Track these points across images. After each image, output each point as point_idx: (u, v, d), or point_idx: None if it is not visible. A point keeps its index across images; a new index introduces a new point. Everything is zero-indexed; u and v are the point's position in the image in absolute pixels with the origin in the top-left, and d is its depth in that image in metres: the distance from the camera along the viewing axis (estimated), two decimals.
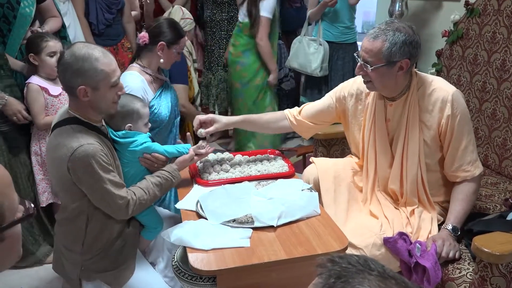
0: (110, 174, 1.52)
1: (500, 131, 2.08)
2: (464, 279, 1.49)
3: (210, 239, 1.43)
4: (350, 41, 3.31)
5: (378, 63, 1.57)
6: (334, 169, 1.85)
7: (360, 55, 1.63)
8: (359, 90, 1.83)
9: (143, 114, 1.73)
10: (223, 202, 1.61)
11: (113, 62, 1.52)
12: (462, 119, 1.61)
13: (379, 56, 1.56)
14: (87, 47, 1.48)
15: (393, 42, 1.53)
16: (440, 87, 1.64)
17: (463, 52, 2.31)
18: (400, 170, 1.71)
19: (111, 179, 1.52)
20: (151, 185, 1.63)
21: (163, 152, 1.72)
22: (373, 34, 1.57)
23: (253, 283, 1.40)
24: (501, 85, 2.08)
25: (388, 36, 1.54)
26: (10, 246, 0.74)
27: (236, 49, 3.12)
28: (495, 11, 2.11)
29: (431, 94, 1.64)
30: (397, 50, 1.53)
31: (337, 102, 1.90)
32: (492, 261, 1.35)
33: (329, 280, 0.64)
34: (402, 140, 1.69)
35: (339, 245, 1.43)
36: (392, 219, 1.69)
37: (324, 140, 2.24)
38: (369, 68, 1.58)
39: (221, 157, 2.02)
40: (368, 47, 1.58)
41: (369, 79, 1.62)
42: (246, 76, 3.12)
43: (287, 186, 1.75)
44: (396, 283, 0.63)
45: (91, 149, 1.46)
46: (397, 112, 1.70)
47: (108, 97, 1.53)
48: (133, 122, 1.71)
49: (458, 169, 1.66)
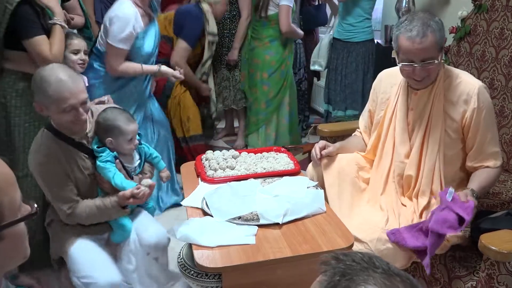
0: (53, 187, 1.62)
1: (509, 128, 2.06)
2: (471, 277, 1.48)
3: (216, 236, 1.44)
4: (355, 39, 3.13)
5: (438, 54, 1.58)
6: (338, 165, 1.85)
7: (412, 60, 1.57)
8: (385, 81, 1.85)
9: (125, 130, 1.69)
10: (228, 200, 1.61)
11: (73, 89, 1.52)
12: (488, 112, 1.62)
13: (435, 48, 1.56)
14: (54, 69, 1.53)
15: (437, 29, 1.55)
16: (467, 80, 1.65)
17: (470, 48, 2.29)
18: (419, 157, 1.72)
19: (54, 191, 1.63)
20: (94, 207, 1.66)
21: (109, 179, 1.67)
22: (419, 33, 1.52)
23: (258, 280, 1.41)
24: (509, 81, 2.06)
25: (430, 28, 1.54)
26: (11, 245, 0.73)
27: (262, 40, 3.23)
28: (503, 7, 2.09)
29: (457, 86, 1.64)
30: (442, 34, 1.57)
31: (371, 103, 1.93)
32: (499, 259, 1.34)
33: (333, 278, 0.64)
34: (423, 130, 1.70)
35: (344, 243, 1.43)
36: (399, 213, 1.69)
37: (330, 137, 2.24)
38: (435, 63, 1.57)
39: (227, 154, 2.02)
40: (424, 46, 1.53)
41: (426, 74, 1.61)
42: (274, 65, 3.24)
43: (293, 183, 1.75)
44: (401, 280, 0.63)
45: (36, 161, 1.61)
46: (422, 101, 1.71)
47: (63, 119, 1.57)
48: (114, 137, 1.69)
49: (481, 161, 1.67)
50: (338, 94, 3.27)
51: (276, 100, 3.30)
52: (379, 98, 1.87)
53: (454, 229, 1.44)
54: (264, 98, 3.30)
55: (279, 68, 3.25)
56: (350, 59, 3.17)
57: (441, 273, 1.58)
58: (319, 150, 1.87)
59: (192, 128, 3.05)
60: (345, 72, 3.20)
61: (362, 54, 3.13)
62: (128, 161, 1.77)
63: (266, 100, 3.29)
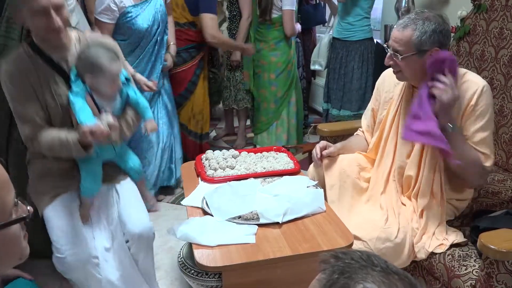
0: (18, 102, 1.54)
1: (508, 127, 2.07)
2: (470, 276, 1.49)
3: (216, 236, 1.44)
4: (353, 38, 3.15)
5: (408, 52, 1.58)
6: (339, 165, 1.85)
7: (390, 45, 1.64)
8: (389, 80, 1.85)
9: (108, 71, 1.54)
10: (228, 199, 1.62)
11: None
12: (486, 110, 1.59)
13: (409, 45, 1.57)
14: None
15: (423, 31, 1.55)
16: (471, 80, 1.63)
17: (470, 48, 2.29)
18: (419, 157, 1.71)
19: (17, 108, 1.55)
20: (57, 138, 1.54)
21: (74, 112, 1.52)
22: (403, 24, 1.59)
23: (259, 279, 1.41)
24: (509, 81, 2.06)
25: (417, 25, 1.56)
26: (4, 248, 0.72)
27: (268, 43, 3.26)
28: (502, 6, 2.09)
29: (461, 86, 1.63)
30: (427, 38, 1.55)
31: (374, 102, 1.93)
32: (498, 258, 1.34)
33: (332, 276, 0.64)
34: None
35: (344, 242, 1.44)
36: (399, 213, 1.69)
37: (330, 137, 2.24)
38: (399, 58, 1.60)
39: (227, 154, 2.02)
40: (398, 36, 1.60)
41: (399, 68, 1.64)
42: (281, 66, 3.29)
43: (293, 183, 1.76)
44: (399, 278, 0.63)
45: (5, 71, 1.52)
46: None
47: (36, 25, 1.48)
48: (93, 77, 1.55)
49: None
50: (335, 93, 3.30)
51: (284, 98, 3.36)
52: (383, 97, 1.88)
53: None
54: (273, 98, 3.35)
55: (286, 69, 3.30)
56: (349, 58, 3.19)
57: (440, 272, 1.59)
58: (320, 151, 1.88)
59: (207, 125, 3.11)
60: (344, 71, 3.21)
61: (360, 53, 3.14)
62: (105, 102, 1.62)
63: (275, 100, 3.35)
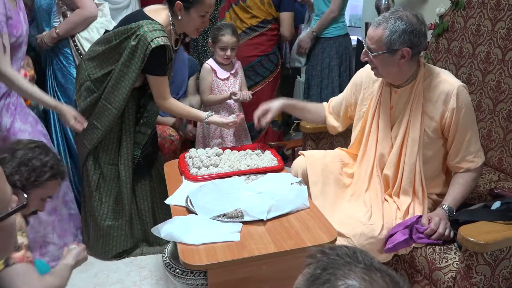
0: None
1: (485, 122, 2.11)
2: (450, 268, 1.52)
3: (200, 234, 1.44)
4: (327, 35, 3.15)
5: (379, 50, 1.62)
6: (322, 162, 1.87)
7: (365, 42, 1.68)
8: (367, 77, 1.87)
9: None
10: (212, 197, 1.62)
11: None
12: (467, 112, 1.64)
13: (380, 43, 1.60)
14: None
15: (393, 30, 1.57)
16: (446, 80, 1.66)
17: (448, 45, 2.33)
18: (398, 157, 1.74)
19: None
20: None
21: None
22: (377, 22, 1.63)
23: (244, 277, 1.42)
24: (486, 77, 2.11)
25: (389, 24, 1.58)
26: (4, 238, 0.74)
27: None
28: (479, 3, 2.13)
29: (437, 86, 1.67)
30: (396, 38, 1.57)
31: (351, 90, 1.96)
32: (477, 250, 1.38)
33: (315, 271, 0.65)
34: (403, 129, 1.72)
35: (328, 237, 1.45)
36: (382, 209, 1.71)
37: (313, 134, 2.26)
38: (370, 55, 1.64)
39: (210, 152, 2.02)
40: (371, 34, 1.63)
41: (374, 65, 1.68)
42: None
43: (276, 180, 1.76)
44: (381, 275, 0.65)
45: None
46: (402, 100, 1.73)
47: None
48: None
49: (462, 160, 1.69)
50: (313, 89, 3.32)
51: None
52: (362, 94, 1.89)
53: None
54: None
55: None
56: (324, 54, 3.19)
57: (422, 265, 1.62)
58: (258, 121, 1.98)
59: None
60: (321, 67, 3.22)
61: (335, 50, 3.15)
62: None
63: None
